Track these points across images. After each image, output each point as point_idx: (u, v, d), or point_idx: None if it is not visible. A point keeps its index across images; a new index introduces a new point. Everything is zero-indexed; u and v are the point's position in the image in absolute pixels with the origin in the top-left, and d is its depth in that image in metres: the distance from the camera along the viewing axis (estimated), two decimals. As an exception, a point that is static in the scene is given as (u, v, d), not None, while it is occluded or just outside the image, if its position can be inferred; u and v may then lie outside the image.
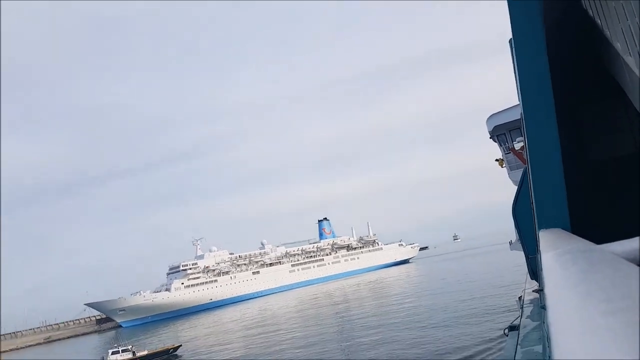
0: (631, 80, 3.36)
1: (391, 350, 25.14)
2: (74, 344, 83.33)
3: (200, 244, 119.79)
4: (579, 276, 1.13)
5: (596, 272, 1.11)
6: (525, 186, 6.53)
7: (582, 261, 1.46)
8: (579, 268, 1.32)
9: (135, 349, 41.89)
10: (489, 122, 21.66)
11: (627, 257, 1.68)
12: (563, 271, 1.43)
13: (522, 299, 14.84)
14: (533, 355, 7.08)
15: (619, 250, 1.82)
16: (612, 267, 1.14)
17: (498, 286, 40.71)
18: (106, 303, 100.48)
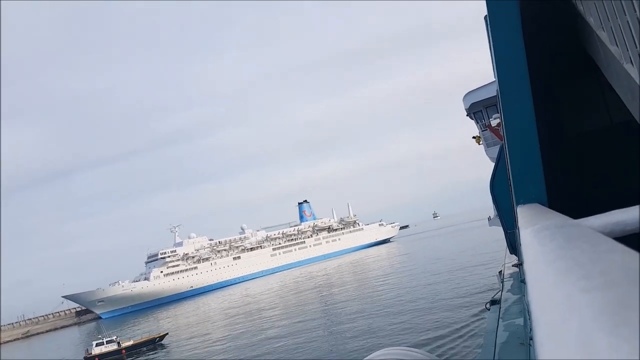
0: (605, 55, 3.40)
1: (375, 328, 25.52)
2: (54, 338, 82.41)
3: (178, 231, 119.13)
4: (557, 252, 1.14)
5: (574, 247, 1.11)
6: (502, 163, 6.61)
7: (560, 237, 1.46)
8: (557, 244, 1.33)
9: (120, 340, 41.43)
10: (466, 100, 21.86)
11: (604, 231, 1.71)
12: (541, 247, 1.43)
13: (502, 274, 15.16)
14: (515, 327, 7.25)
15: (596, 224, 1.84)
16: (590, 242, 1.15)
17: (478, 262, 41.51)
18: (84, 295, 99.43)
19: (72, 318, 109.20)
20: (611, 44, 3.07)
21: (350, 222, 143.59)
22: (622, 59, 2.94)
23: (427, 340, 20.76)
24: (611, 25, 2.96)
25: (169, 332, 42.61)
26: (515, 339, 6.48)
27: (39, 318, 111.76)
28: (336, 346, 23.84)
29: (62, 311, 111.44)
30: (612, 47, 3.09)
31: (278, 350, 25.68)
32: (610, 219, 1.86)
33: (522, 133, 3.83)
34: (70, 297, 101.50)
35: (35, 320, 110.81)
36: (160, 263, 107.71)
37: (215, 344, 32.28)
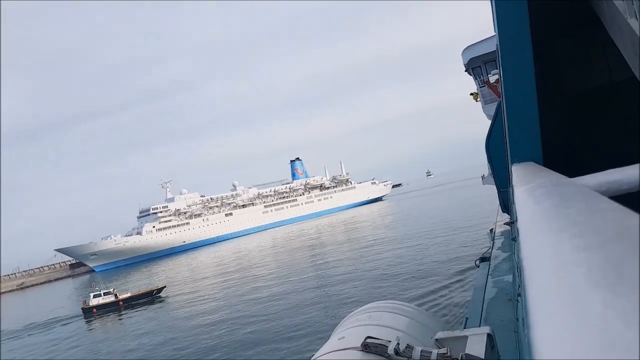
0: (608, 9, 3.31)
1: (365, 285, 26.06)
2: (48, 290, 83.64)
3: (169, 187, 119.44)
4: (552, 210, 1.12)
5: (569, 206, 1.09)
6: (499, 120, 6.58)
7: (555, 195, 1.44)
8: (552, 202, 1.31)
9: (117, 292, 41.45)
10: (465, 54, 21.55)
11: (600, 190, 1.70)
12: (536, 205, 1.41)
13: (493, 232, 15.39)
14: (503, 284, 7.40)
15: (591, 183, 1.82)
16: (585, 201, 1.13)
17: (470, 220, 42.06)
18: (76, 248, 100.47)
19: (65, 270, 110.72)
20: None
21: (342, 181, 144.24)
22: (626, 14, 2.87)
23: (416, 296, 21.26)
24: None
25: (166, 286, 42.74)
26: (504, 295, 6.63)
27: (33, 270, 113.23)
28: (326, 301, 24.38)
29: (56, 264, 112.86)
30: (617, 1, 3.01)
31: (270, 307, 26.24)
32: (606, 177, 1.84)
33: (521, 90, 3.78)
34: (63, 251, 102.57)
35: (30, 272, 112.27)
36: (152, 218, 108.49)
37: (211, 299, 32.84)
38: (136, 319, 32.60)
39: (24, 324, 41.05)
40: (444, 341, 3.87)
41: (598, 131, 4.37)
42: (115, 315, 36.53)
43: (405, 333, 3.95)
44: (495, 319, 5.77)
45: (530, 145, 3.79)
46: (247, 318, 24.38)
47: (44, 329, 36.84)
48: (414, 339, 3.87)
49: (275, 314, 23.83)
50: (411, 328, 4.14)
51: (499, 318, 5.79)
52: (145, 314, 33.61)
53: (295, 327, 20.77)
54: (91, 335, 30.88)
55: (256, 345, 19.61)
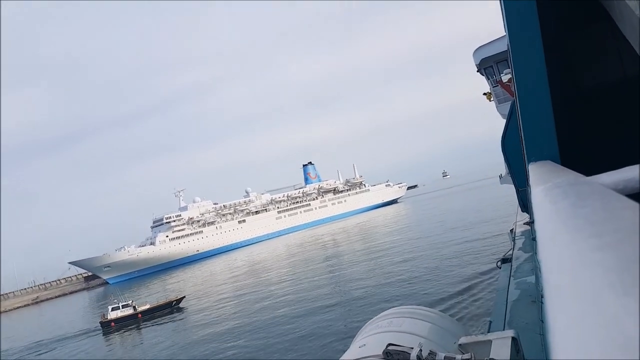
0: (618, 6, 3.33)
1: (385, 290, 25.98)
2: (64, 303, 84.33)
3: (183, 195, 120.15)
4: (569, 210, 1.15)
5: (586, 205, 1.12)
6: (513, 119, 6.57)
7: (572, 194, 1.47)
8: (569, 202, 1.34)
9: (136, 304, 40.94)
10: (476, 55, 21.55)
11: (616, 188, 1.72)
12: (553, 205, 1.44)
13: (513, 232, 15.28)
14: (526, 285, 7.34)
15: (608, 181, 1.84)
16: (602, 199, 1.16)
17: (489, 221, 41.75)
18: (90, 260, 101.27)
19: (80, 283, 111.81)
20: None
21: (356, 184, 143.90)
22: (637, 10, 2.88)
23: (438, 300, 21.17)
24: None
25: (186, 296, 42.03)
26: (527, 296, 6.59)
27: (47, 284, 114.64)
28: (345, 308, 24.34)
29: (74, 275, 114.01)
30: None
31: (288, 314, 26.26)
32: (622, 175, 1.86)
33: (534, 88, 3.80)
34: (77, 263, 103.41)
35: (44, 287, 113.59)
36: (165, 227, 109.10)
37: (229, 308, 32.81)
38: (156, 332, 32.40)
39: (38, 340, 41.11)
40: (467, 346, 3.86)
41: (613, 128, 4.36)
42: (134, 329, 36.21)
43: (427, 339, 3.97)
44: (520, 322, 5.74)
45: (546, 144, 3.80)
46: (266, 327, 24.43)
47: (61, 344, 36.80)
48: (437, 344, 3.88)
49: (294, 322, 23.86)
50: (433, 334, 4.15)
51: (523, 320, 5.76)
52: (166, 327, 33.29)
53: (315, 335, 20.79)
54: (112, 351, 30.68)
55: (277, 353, 19.66)
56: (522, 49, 3.79)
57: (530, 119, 3.90)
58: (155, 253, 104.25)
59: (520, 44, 3.79)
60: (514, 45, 3.84)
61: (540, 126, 3.80)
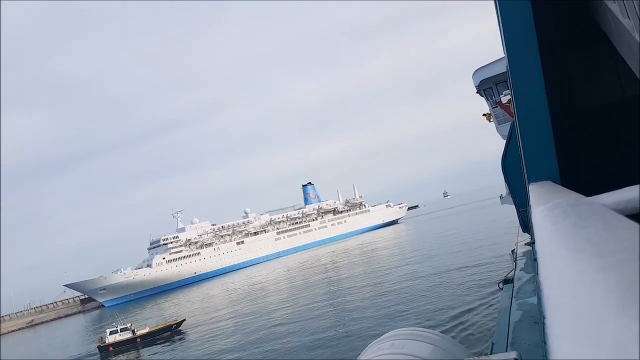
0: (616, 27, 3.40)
1: (386, 312, 25.78)
2: (59, 327, 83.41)
3: (181, 217, 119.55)
4: (570, 231, 1.17)
5: (586, 226, 1.15)
6: (513, 140, 6.63)
7: (573, 215, 1.50)
8: (569, 222, 1.37)
9: (135, 327, 39.94)
10: (475, 77, 21.81)
11: (617, 209, 1.74)
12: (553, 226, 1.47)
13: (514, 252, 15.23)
14: (528, 306, 7.31)
15: (608, 201, 1.86)
16: (602, 220, 1.18)
17: (490, 241, 41.63)
18: (86, 283, 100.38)
19: (77, 306, 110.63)
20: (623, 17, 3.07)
21: (356, 204, 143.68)
22: (634, 31, 2.95)
23: (439, 321, 21.01)
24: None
25: (186, 319, 41.12)
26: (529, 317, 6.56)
27: (42, 307, 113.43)
28: (346, 330, 24.13)
29: (66, 299, 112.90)
30: (624, 20, 3.10)
31: (289, 338, 26.02)
32: (623, 196, 1.88)
33: (533, 109, 3.85)
34: (72, 286, 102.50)
35: (39, 309, 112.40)
36: (162, 249, 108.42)
37: (229, 332, 32.32)
38: (156, 357, 31.73)
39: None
40: (469, 368, 3.84)
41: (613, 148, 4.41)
42: (133, 354, 35.44)
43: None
44: (522, 343, 5.70)
45: (546, 164, 3.84)
46: (266, 354, 24.12)
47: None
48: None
49: (295, 347, 23.60)
50: (435, 356, 4.13)
51: (525, 342, 5.73)
52: (166, 352, 32.51)
53: (317, 359, 20.58)
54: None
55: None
56: (521, 71, 3.86)
57: (530, 139, 3.95)
58: (151, 275, 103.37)
59: (520, 66, 3.85)
60: (513, 67, 3.90)
61: (539, 147, 3.85)
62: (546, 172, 3.80)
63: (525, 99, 3.93)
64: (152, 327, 40.43)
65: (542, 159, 3.83)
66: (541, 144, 3.83)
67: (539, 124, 3.83)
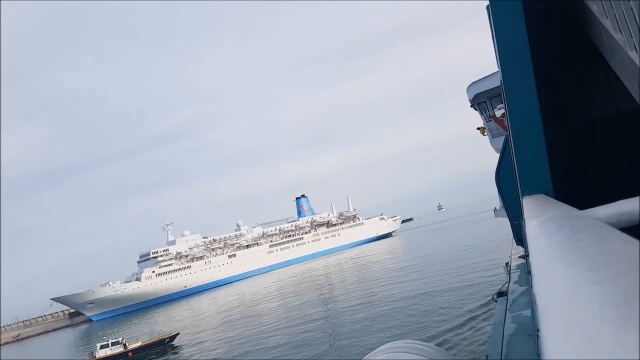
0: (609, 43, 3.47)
1: (380, 325, 25.69)
2: (48, 341, 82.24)
3: (171, 229, 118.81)
4: (563, 244, 1.19)
5: (580, 239, 1.16)
6: (507, 153, 6.70)
7: (566, 228, 1.52)
8: (562, 236, 1.39)
9: (127, 342, 39.20)
10: (469, 91, 22.03)
11: (610, 222, 1.77)
12: (547, 239, 1.49)
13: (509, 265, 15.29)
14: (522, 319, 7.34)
15: (602, 215, 1.89)
16: (596, 233, 1.20)
17: (484, 254, 41.68)
18: (73, 297, 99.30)
19: (64, 320, 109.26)
20: (615, 32, 3.13)
21: (349, 217, 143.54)
22: (626, 47, 3.01)
23: (434, 334, 20.97)
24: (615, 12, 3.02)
25: (179, 333, 40.38)
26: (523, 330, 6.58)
27: (29, 321, 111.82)
28: (340, 345, 24.00)
29: (55, 312, 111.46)
30: (616, 35, 3.16)
31: (283, 353, 25.86)
32: (616, 209, 1.91)
33: (527, 123, 3.91)
34: (59, 300, 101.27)
35: (27, 323, 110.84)
36: (152, 262, 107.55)
37: (222, 346, 32.07)
38: None
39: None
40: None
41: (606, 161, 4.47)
42: None
43: (423, 374, 3.96)
44: (516, 356, 5.72)
45: (539, 177, 3.89)
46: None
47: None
48: (433, 379, 3.86)
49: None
50: (429, 369, 4.13)
51: (520, 355, 5.75)
52: None
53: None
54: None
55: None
56: (515, 85, 3.92)
57: (524, 153, 4.00)
58: (140, 289, 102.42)
59: (513, 80, 3.92)
60: (507, 81, 3.96)
61: (533, 160, 3.90)
62: (540, 186, 3.85)
63: (519, 113, 3.98)
64: (144, 341, 39.69)
65: (536, 173, 3.88)
66: (535, 157, 3.88)
67: (532, 138, 3.88)
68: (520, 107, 3.95)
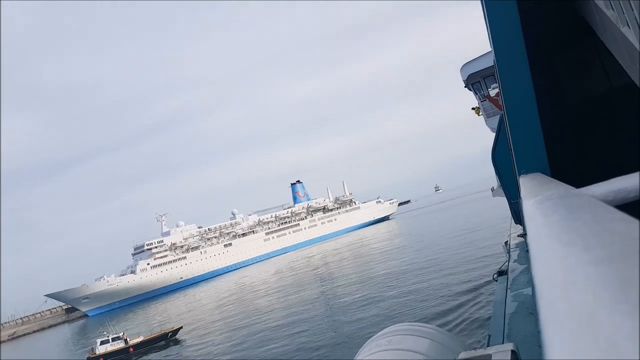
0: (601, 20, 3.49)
1: (381, 308, 25.92)
2: (45, 338, 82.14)
3: (165, 220, 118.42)
4: (560, 224, 1.21)
5: (576, 218, 1.19)
6: (502, 132, 6.75)
7: (562, 207, 1.55)
8: (559, 215, 1.41)
9: (128, 337, 38.61)
10: (463, 71, 22.05)
11: (606, 199, 1.82)
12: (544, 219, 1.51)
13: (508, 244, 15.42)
14: (523, 297, 7.43)
15: (598, 193, 1.93)
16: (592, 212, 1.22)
17: (483, 233, 41.96)
18: (67, 292, 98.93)
19: (61, 316, 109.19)
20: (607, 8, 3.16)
21: (346, 201, 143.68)
22: (618, 23, 3.04)
23: (436, 315, 21.23)
24: None
25: (182, 327, 39.26)
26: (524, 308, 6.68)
27: (25, 318, 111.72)
28: (343, 329, 24.23)
29: (50, 309, 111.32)
30: (608, 11, 3.19)
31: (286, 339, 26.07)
32: (612, 186, 1.95)
33: (521, 102, 3.94)
34: (54, 296, 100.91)
35: (26, 319, 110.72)
36: (146, 254, 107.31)
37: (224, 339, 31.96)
38: None
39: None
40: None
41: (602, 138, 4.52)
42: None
43: (427, 356, 4.04)
44: (519, 334, 5.82)
45: (535, 156, 3.93)
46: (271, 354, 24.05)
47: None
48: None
49: (293, 349, 23.62)
50: (433, 350, 4.22)
51: (522, 333, 5.85)
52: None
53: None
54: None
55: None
56: (509, 64, 3.95)
57: (519, 132, 4.04)
58: (135, 282, 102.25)
59: (507, 59, 3.95)
60: (500, 61, 3.99)
61: (529, 139, 3.94)
62: (536, 164, 3.90)
63: (513, 92, 4.02)
64: (146, 336, 38.86)
65: (532, 151, 3.92)
66: (530, 136, 3.93)
67: (527, 117, 3.93)
68: (514, 86, 3.98)
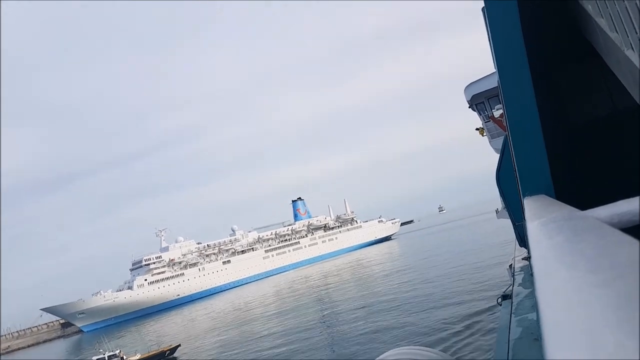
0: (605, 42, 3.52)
1: (383, 331, 25.70)
2: (40, 353, 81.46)
3: (164, 235, 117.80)
4: (565, 246, 1.21)
5: (581, 241, 1.18)
6: (507, 154, 6.76)
7: (567, 230, 1.55)
8: (564, 237, 1.41)
9: (125, 354, 38.39)
10: (467, 92, 22.18)
11: (611, 222, 1.81)
12: (548, 241, 1.51)
13: (512, 267, 15.34)
14: (528, 323, 7.37)
15: (603, 215, 1.92)
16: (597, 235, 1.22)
17: (486, 256, 41.73)
18: (63, 307, 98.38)
19: (57, 331, 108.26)
20: (611, 31, 3.19)
21: (347, 220, 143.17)
22: (622, 46, 3.06)
23: (439, 339, 21.03)
24: (610, 12, 3.07)
25: (180, 344, 39.35)
26: (529, 334, 6.61)
27: (22, 331, 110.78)
28: (342, 355, 23.98)
29: (47, 323, 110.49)
30: (612, 34, 3.22)
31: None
32: (617, 209, 1.94)
33: (525, 123, 3.95)
34: (49, 310, 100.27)
35: (18, 334, 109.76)
36: (144, 270, 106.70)
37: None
38: None
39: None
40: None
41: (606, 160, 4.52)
42: None
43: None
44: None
45: (540, 178, 3.93)
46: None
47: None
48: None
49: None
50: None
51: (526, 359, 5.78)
52: None
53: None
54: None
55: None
56: (512, 86, 3.97)
57: (523, 153, 4.05)
58: (132, 298, 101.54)
59: (510, 81, 3.97)
60: (504, 82, 4.02)
61: (533, 160, 3.94)
62: (540, 186, 3.89)
63: (517, 113, 4.04)
64: (143, 354, 38.85)
65: (536, 173, 3.92)
66: (534, 157, 3.93)
67: (531, 138, 3.93)
68: (518, 107, 4.00)
